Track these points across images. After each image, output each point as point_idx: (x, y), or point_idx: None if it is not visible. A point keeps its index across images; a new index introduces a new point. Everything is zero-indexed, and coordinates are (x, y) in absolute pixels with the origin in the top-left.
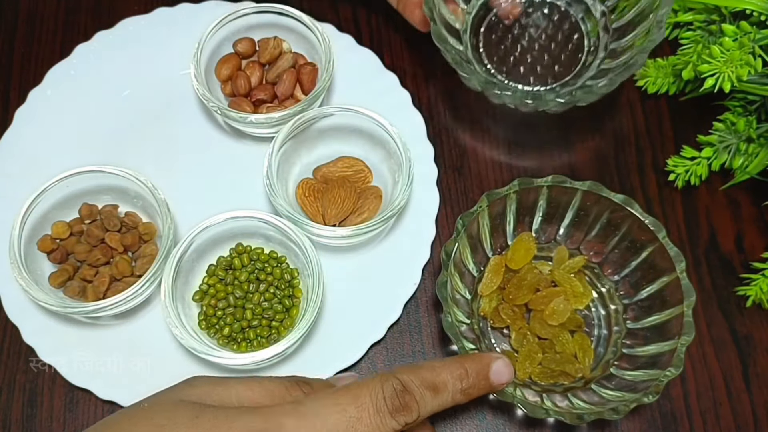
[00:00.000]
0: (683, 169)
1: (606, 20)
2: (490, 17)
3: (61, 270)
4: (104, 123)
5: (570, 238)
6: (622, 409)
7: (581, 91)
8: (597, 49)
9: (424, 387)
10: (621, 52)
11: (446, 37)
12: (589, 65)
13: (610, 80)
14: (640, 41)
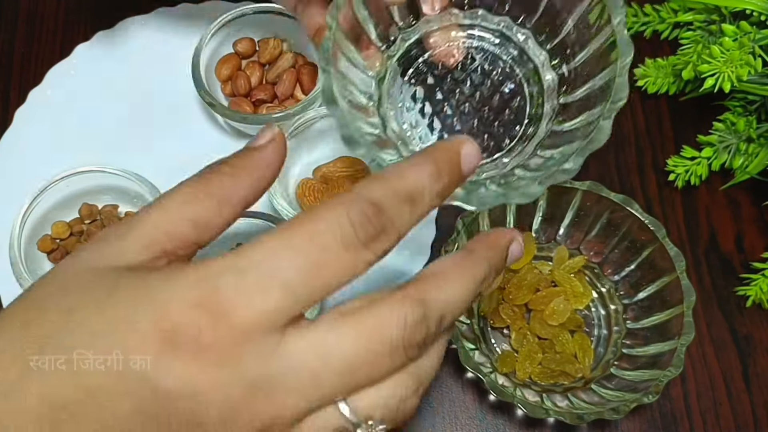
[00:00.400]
0: (683, 169)
1: (556, 90)
2: (416, 66)
3: None
4: (104, 123)
5: (570, 238)
6: (622, 409)
7: (503, 180)
8: (538, 124)
9: (398, 201)
10: (567, 132)
11: (351, 90)
12: (526, 141)
13: (543, 168)
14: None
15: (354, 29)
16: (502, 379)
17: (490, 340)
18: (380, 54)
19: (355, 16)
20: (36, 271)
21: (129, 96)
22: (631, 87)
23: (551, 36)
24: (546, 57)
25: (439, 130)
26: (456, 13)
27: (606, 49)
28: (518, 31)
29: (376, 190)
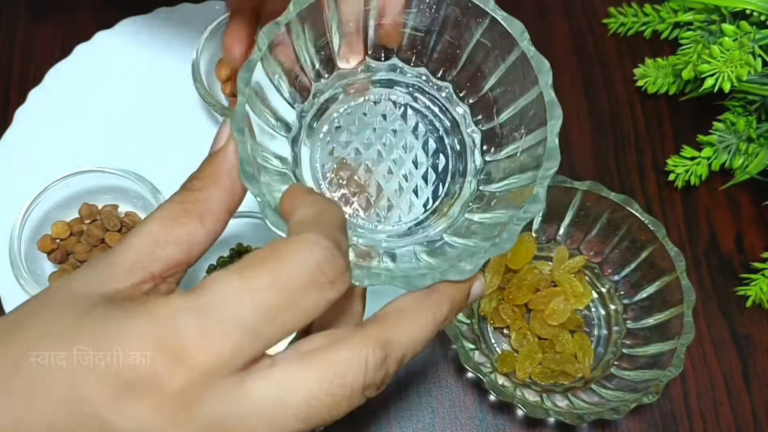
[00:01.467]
0: (683, 169)
1: (479, 147)
2: (332, 122)
3: (62, 270)
4: (104, 123)
5: (570, 238)
6: (622, 409)
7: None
8: (462, 182)
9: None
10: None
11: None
12: (453, 200)
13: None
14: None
15: (262, 91)
16: (502, 379)
17: (490, 340)
18: (292, 111)
19: (267, 73)
20: (36, 271)
21: (129, 96)
22: (631, 87)
23: (472, 91)
24: (467, 111)
25: (359, 191)
26: (372, 66)
27: (534, 110)
28: (437, 84)
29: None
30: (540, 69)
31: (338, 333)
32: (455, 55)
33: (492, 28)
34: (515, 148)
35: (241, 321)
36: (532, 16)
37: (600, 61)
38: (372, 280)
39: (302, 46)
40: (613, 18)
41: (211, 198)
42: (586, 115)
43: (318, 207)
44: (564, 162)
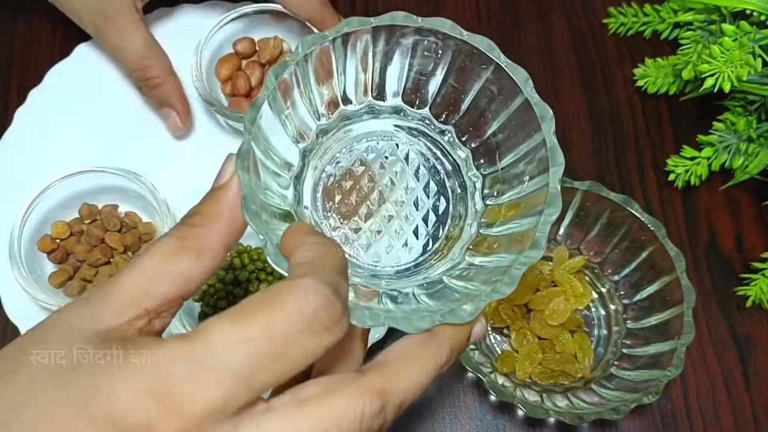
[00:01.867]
0: (683, 169)
1: (480, 191)
2: (335, 164)
3: (62, 270)
4: (104, 123)
5: (570, 238)
6: (623, 409)
7: (432, 290)
8: (463, 225)
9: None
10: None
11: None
12: (453, 243)
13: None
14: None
15: (267, 130)
16: (502, 379)
17: (490, 340)
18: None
19: (273, 112)
20: (36, 271)
21: (129, 96)
22: (632, 87)
23: (475, 135)
24: (469, 155)
25: (360, 231)
26: (376, 108)
27: (536, 156)
28: (440, 127)
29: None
30: (543, 116)
31: (335, 380)
32: (458, 99)
33: (496, 75)
34: (517, 193)
35: (234, 369)
36: (532, 16)
37: (600, 61)
38: (373, 321)
39: (308, 86)
40: (613, 18)
41: (211, 235)
42: (586, 115)
43: (318, 249)
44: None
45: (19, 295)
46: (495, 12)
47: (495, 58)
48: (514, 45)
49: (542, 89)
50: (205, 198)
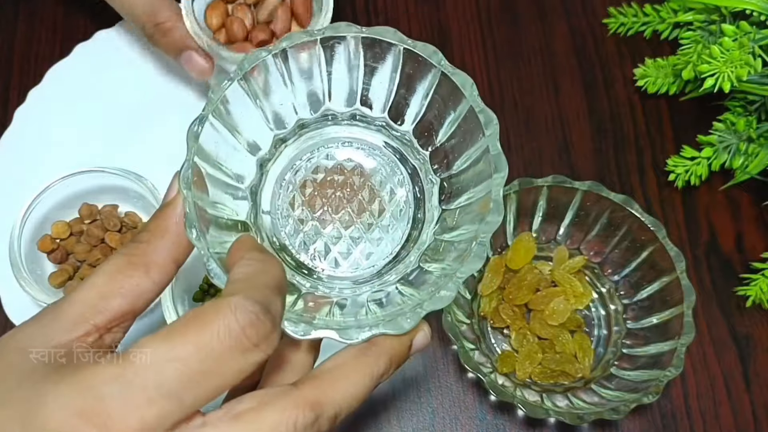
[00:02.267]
0: (683, 169)
1: (437, 195)
2: (293, 170)
3: (62, 270)
4: (104, 123)
5: (570, 238)
6: (623, 409)
7: (385, 300)
8: (421, 229)
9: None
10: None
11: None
12: (410, 248)
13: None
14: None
15: (215, 142)
16: (502, 379)
17: (490, 340)
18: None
19: (221, 126)
20: (36, 271)
21: (129, 96)
22: (632, 87)
23: (428, 140)
24: (426, 159)
25: (319, 237)
26: (335, 114)
27: (483, 162)
28: (398, 131)
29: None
30: (487, 122)
31: (270, 393)
32: (410, 105)
33: (441, 81)
34: (467, 198)
35: (164, 388)
36: (532, 16)
37: (600, 61)
38: (316, 333)
39: (258, 99)
40: (613, 18)
41: (158, 250)
42: (586, 115)
43: (255, 265)
44: (564, 162)
45: (19, 295)
46: (495, 12)
47: (437, 64)
48: (514, 45)
49: (542, 89)
50: (153, 215)
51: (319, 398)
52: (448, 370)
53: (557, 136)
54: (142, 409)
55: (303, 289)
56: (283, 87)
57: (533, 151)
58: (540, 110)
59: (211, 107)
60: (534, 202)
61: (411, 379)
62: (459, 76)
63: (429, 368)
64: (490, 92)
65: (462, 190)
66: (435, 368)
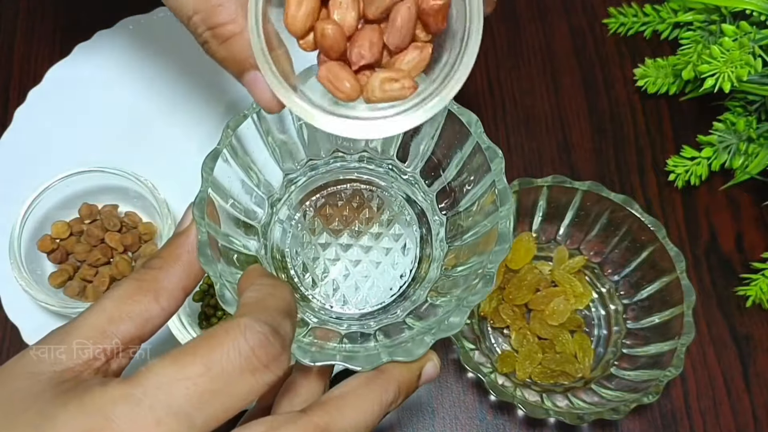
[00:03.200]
0: (683, 169)
1: (444, 234)
2: (306, 207)
3: (61, 270)
4: (104, 123)
5: (570, 238)
6: (623, 409)
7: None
8: (429, 267)
9: (291, 318)
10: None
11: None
12: (417, 285)
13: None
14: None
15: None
16: (502, 379)
17: (490, 340)
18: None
19: (235, 163)
20: (36, 271)
21: (129, 96)
22: (632, 87)
23: (435, 179)
24: (433, 199)
25: (327, 275)
26: (344, 157)
27: (488, 197)
28: (405, 172)
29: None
30: (492, 158)
31: (279, 419)
32: (416, 146)
33: (448, 122)
34: (474, 233)
35: (173, 409)
36: (532, 16)
37: (600, 62)
38: (326, 359)
39: (272, 136)
40: (613, 18)
41: (169, 277)
42: (586, 115)
43: (264, 290)
44: (564, 162)
45: (19, 295)
46: (495, 12)
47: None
48: (514, 45)
49: (542, 89)
50: (167, 242)
51: (328, 425)
52: (448, 370)
53: (557, 136)
54: (151, 429)
55: (311, 323)
56: (293, 127)
57: (533, 151)
58: (540, 110)
59: (225, 141)
60: (534, 202)
61: None
62: (465, 114)
63: None
64: (490, 92)
65: (469, 226)
66: None
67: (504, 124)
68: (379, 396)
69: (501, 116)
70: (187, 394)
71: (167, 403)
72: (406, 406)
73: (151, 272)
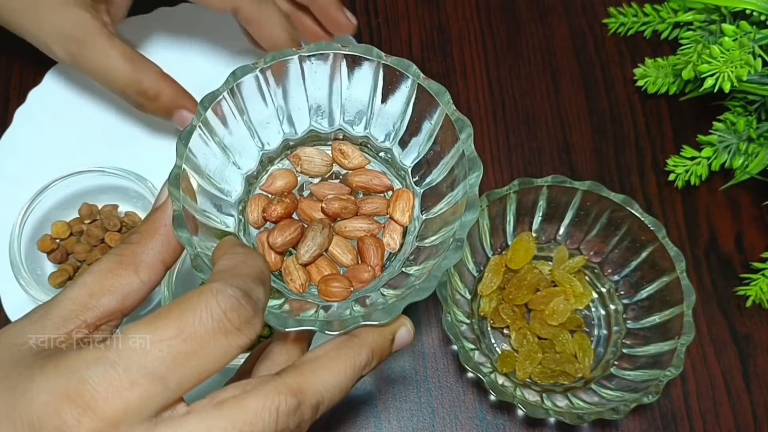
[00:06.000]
0: (683, 169)
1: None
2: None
3: (61, 270)
4: (104, 122)
5: (570, 238)
6: (622, 409)
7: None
8: (405, 238)
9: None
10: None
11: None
12: (393, 257)
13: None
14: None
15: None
16: (502, 379)
17: (490, 340)
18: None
19: (207, 139)
20: (36, 271)
21: None
22: (632, 87)
23: (408, 153)
24: (408, 172)
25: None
26: (320, 133)
27: (458, 166)
28: (380, 147)
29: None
30: (461, 128)
31: (253, 382)
32: (392, 122)
33: (419, 94)
34: (447, 203)
35: (148, 370)
36: (532, 16)
37: (600, 61)
38: (299, 325)
39: (245, 114)
40: (613, 18)
41: (147, 250)
42: (586, 115)
43: (236, 258)
44: (564, 162)
45: (19, 295)
46: (495, 12)
47: (413, 75)
48: (515, 45)
49: (542, 89)
50: (145, 218)
51: (301, 386)
52: (448, 370)
53: (557, 136)
54: (126, 390)
55: (288, 297)
56: (264, 105)
57: (533, 151)
58: (540, 110)
59: (199, 119)
60: (534, 202)
61: (411, 379)
62: (434, 86)
63: (429, 368)
64: (490, 92)
65: (441, 196)
66: (435, 368)
67: (504, 124)
68: (352, 359)
69: (501, 116)
70: (161, 356)
71: (141, 364)
72: (406, 405)
73: (130, 247)
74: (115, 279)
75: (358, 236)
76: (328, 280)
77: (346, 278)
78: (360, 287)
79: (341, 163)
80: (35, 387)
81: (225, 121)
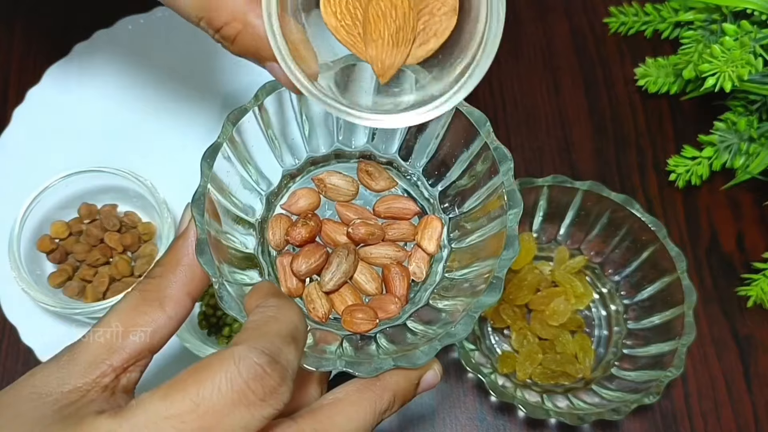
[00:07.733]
0: (684, 168)
1: (447, 234)
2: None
3: (61, 270)
4: (104, 123)
5: (570, 239)
6: (623, 410)
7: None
8: (432, 267)
9: (286, 342)
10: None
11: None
12: (419, 286)
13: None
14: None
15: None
16: (502, 379)
17: (491, 340)
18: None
19: (232, 157)
20: (35, 271)
21: (128, 95)
22: (632, 86)
23: (439, 178)
24: (436, 198)
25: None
26: (345, 152)
27: (495, 199)
28: (408, 170)
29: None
30: (501, 160)
31: (272, 425)
32: (420, 144)
33: (456, 120)
34: (480, 235)
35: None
36: (532, 16)
37: (601, 61)
38: (325, 366)
39: (271, 131)
40: (613, 17)
41: (171, 283)
42: (586, 115)
43: (267, 312)
44: (565, 162)
45: (19, 295)
46: None
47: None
48: (515, 45)
49: (542, 89)
50: (167, 249)
51: (319, 430)
52: (448, 370)
53: (557, 136)
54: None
55: (311, 326)
56: (294, 121)
57: (533, 151)
58: (540, 110)
59: (226, 134)
60: (534, 202)
61: None
62: (474, 113)
63: None
64: (490, 92)
65: (473, 228)
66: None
67: (504, 124)
68: (373, 404)
69: (501, 116)
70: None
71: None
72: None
73: (153, 281)
74: (141, 317)
75: (384, 264)
76: (353, 311)
77: (371, 309)
78: (385, 318)
79: (367, 184)
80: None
81: (251, 138)
